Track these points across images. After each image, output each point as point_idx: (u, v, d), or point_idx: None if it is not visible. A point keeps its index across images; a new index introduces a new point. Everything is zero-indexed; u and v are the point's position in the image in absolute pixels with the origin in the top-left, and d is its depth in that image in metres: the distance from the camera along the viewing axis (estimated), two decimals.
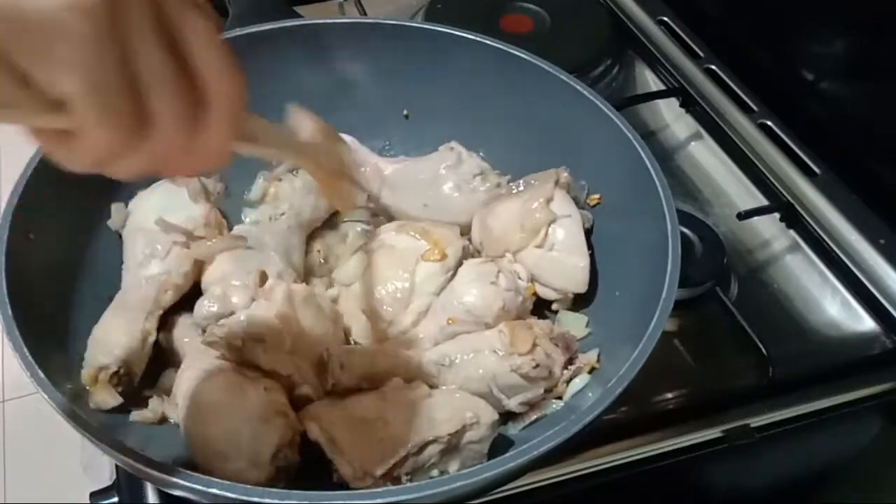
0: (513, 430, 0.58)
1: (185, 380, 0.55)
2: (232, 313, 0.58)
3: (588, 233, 0.67)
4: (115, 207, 0.66)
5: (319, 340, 0.58)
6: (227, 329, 0.56)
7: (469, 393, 0.56)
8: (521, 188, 0.70)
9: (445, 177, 0.70)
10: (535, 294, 0.65)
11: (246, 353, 0.56)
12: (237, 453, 0.51)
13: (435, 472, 0.53)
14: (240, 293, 0.59)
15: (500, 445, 0.56)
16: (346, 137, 0.74)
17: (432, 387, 0.57)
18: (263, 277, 0.60)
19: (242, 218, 0.72)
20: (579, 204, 0.68)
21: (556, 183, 0.67)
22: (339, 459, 0.51)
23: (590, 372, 0.59)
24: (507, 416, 0.58)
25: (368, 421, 0.53)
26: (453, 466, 0.53)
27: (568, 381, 0.59)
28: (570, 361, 0.59)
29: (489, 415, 0.54)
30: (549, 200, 0.65)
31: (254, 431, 0.51)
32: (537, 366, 0.56)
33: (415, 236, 0.65)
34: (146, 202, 0.67)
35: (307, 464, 0.54)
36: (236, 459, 0.51)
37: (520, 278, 0.63)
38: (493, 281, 0.61)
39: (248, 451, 0.51)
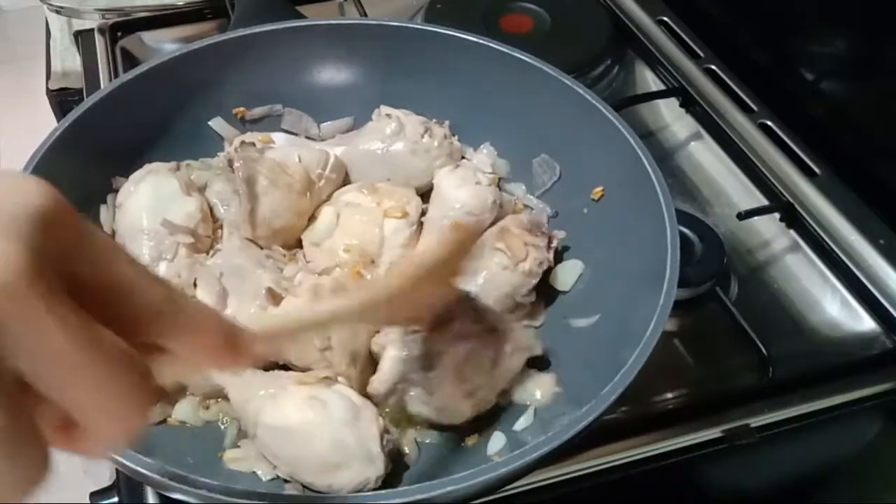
0: (518, 425, 0.58)
1: (254, 412, 0.54)
2: None
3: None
4: (104, 208, 0.66)
5: (353, 331, 0.59)
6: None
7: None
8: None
9: (396, 145, 0.72)
10: (499, 180, 0.73)
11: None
12: (350, 458, 0.51)
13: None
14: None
15: (499, 447, 0.56)
16: (277, 135, 0.74)
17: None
18: (273, 293, 0.60)
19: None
20: (545, 185, 0.73)
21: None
22: None
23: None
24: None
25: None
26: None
27: (554, 258, 0.66)
28: (549, 241, 0.66)
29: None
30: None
31: (354, 432, 0.52)
32: (540, 263, 0.64)
33: (375, 197, 0.68)
34: (135, 199, 0.65)
35: None
36: (351, 464, 0.51)
37: (484, 171, 0.71)
38: (477, 181, 0.68)
39: (359, 452, 0.51)
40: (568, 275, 0.67)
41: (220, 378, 0.58)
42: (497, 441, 0.57)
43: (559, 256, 0.68)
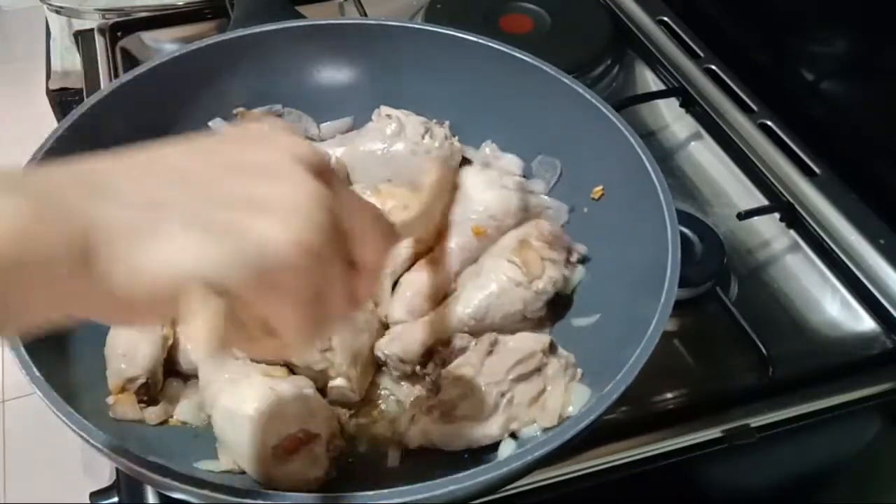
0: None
1: (214, 394, 0.55)
2: None
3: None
4: None
5: (355, 333, 0.59)
6: None
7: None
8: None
9: (397, 145, 0.71)
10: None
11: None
12: (294, 456, 0.52)
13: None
14: None
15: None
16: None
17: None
18: None
19: None
20: (549, 185, 0.72)
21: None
22: None
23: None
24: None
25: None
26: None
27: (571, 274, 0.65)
28: (569, 255, 0.64)
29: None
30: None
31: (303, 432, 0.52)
32: (555, 282, 0.62)
33: (377, 198, 0.69)
34: None
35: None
36: (294, 462, 0.52)
37: (511, 175, 0.70)
38: (503, 185, 0.67)
39: (304, 451, 0.52)
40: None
41: (195, 356, 0.59)
42: None
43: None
